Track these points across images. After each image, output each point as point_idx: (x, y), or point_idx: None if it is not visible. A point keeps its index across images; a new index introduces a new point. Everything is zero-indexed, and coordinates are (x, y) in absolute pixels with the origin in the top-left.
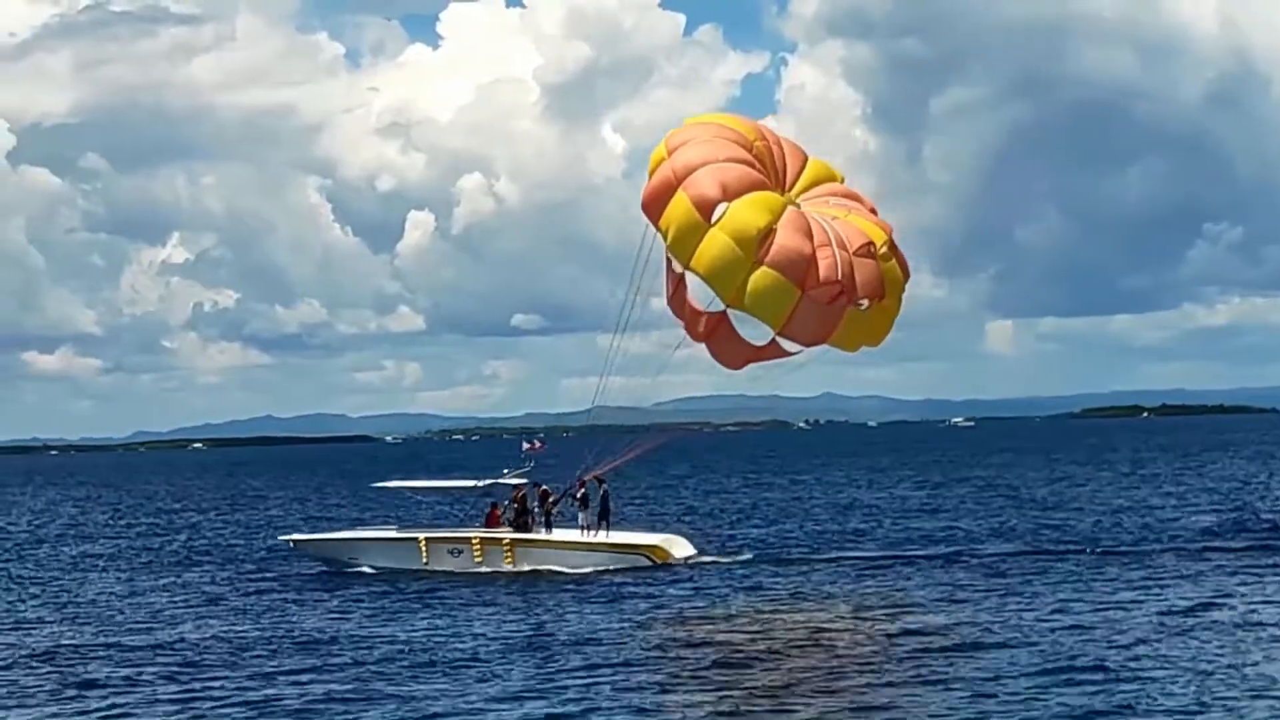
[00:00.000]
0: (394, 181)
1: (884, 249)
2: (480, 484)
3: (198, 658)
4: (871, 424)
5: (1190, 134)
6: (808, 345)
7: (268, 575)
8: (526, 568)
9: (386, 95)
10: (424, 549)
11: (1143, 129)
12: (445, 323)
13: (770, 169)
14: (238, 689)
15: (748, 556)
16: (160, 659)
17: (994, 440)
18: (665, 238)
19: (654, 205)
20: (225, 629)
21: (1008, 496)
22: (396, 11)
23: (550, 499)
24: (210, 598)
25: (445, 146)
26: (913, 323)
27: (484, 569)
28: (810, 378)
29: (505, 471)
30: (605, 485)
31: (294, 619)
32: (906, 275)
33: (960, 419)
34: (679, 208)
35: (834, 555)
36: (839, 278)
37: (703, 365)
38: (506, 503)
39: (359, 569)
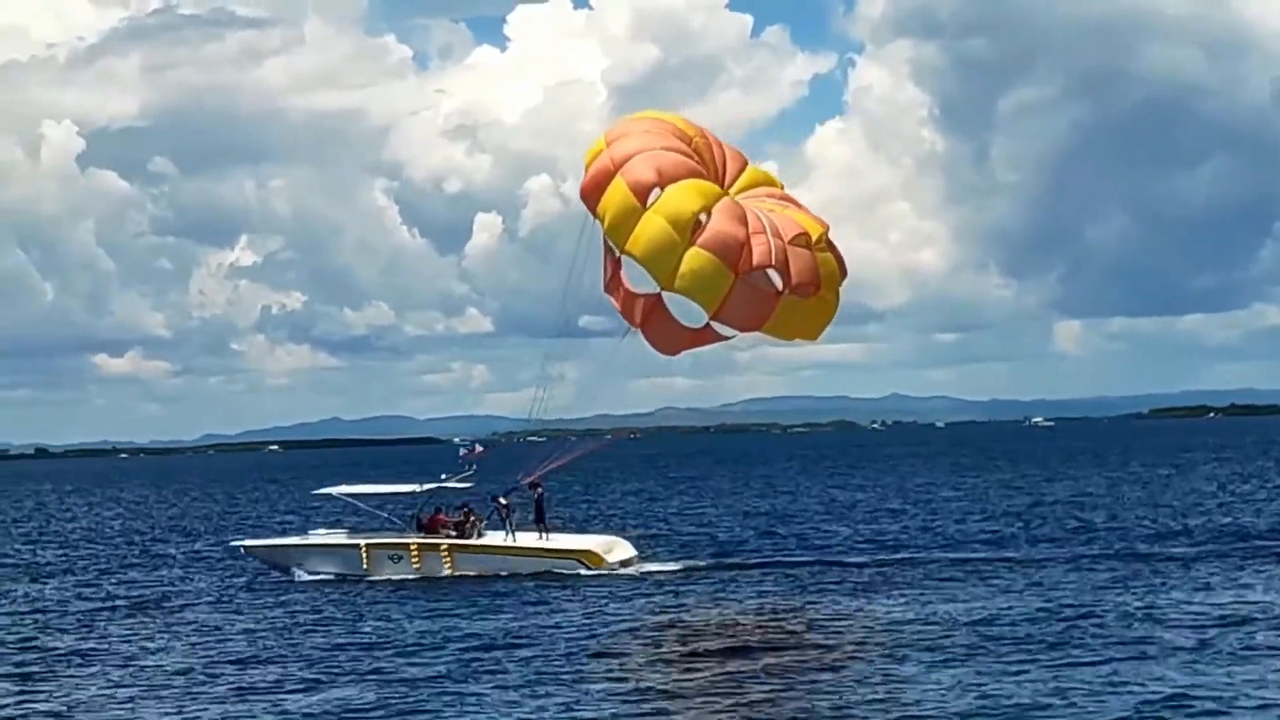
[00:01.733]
0: (461, 183)
1: (820, 241)
2: (421, 489)
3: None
4: (939, 425)
5: (1259, 131)
6: (742, 331)
7: (211, 578)
8: (465, 572)
9: (454, 97)
10: (365, 555)
11: (1211, 127)
12: (512, 324)
13: (709, 165)
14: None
15: (706, 562)
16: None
17: (1074, 440)
18: (602, 223)
19: (592, 193)
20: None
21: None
22: (464, 14)
23: (504, 503)
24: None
25: (512, 148)
26: (980, 323)
27: (423, 574)
28: (877, 379)
29: (444, 477)
30: (541, 490)
31: (230, 627)
32: (844, 273)
33: (1039, 419)
34: (616, 193)
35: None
36: (772, 261)
37: (771, 366)
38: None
39: (305, 574)
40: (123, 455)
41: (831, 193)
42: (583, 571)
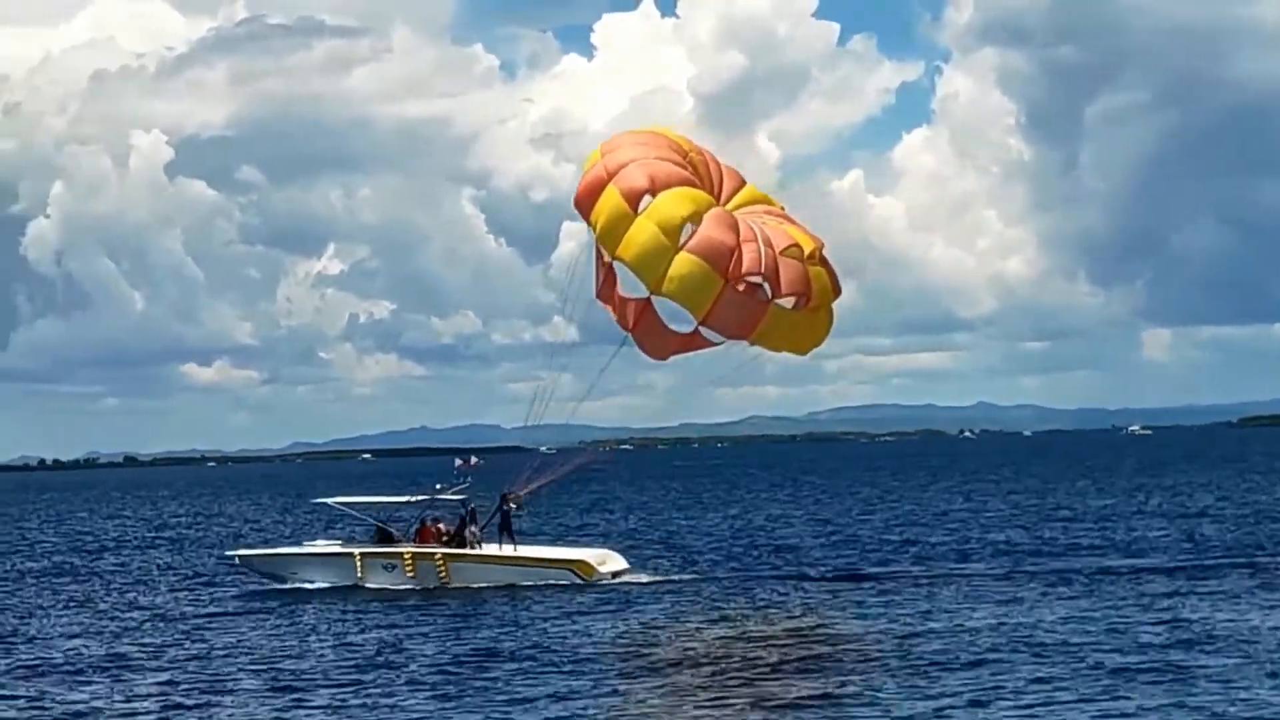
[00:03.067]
0: (547, 192)
1: (813, 256)
2: (415, 499)
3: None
4: (1026, 433)
5: None
6: (730, 337)
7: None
8: (459, 582)
9: (540, 106)
10: (359, 564)
11: None
12: (599, 333)
13: (704, 178)
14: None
15: (692, 575)
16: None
17: (1175, 448)
18: (595, 229)
19: (586, 201)
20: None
21: None
22: (551, 23)
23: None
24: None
25: None
26: (1068, 331)
27: (417, 584)
28: (965, 388)
29: (439, 487)
30: (509, 504)
31: (230, 635)
32: (837, 291)
33: (1136, 427)
34: (609, 200)
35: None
36: (761, 270)
37: (859, 375)
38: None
39: (300, 584)
40: (210, 464)
41: (918, 201)
42: (576, 582)
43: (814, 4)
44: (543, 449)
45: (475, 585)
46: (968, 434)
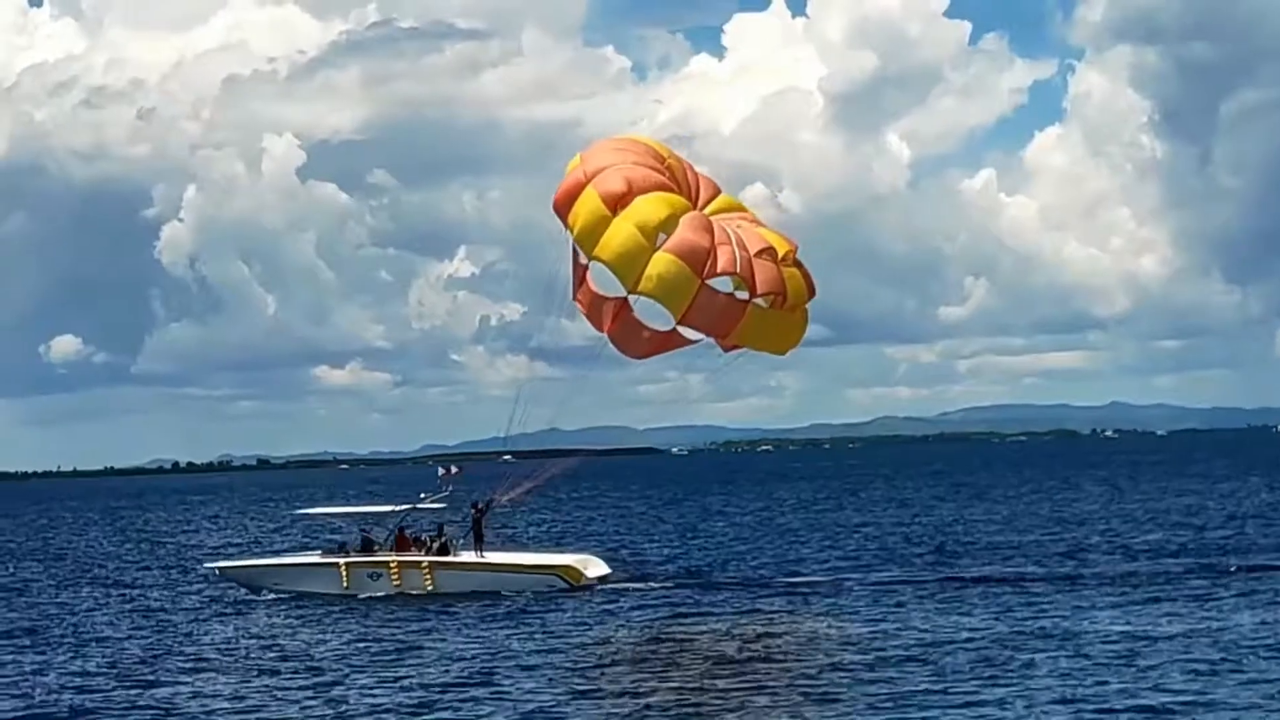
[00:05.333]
0: None
1: (787, 258)
2: (399, 509)
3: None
4: (1160, 432)
5: None
6: (709, 336)
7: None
8: (445, 589)
9: (670, 107)
10: (344, 574)
11: None
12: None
13: (681, 184)
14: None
15: (675, 581)
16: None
17: None
18: (573, 231)
19: (564, 203)
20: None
21: None
22: (682, 24)
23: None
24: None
25: (728, 158)
26: (1202, 330)
27: (403, 592)
28: (1098, 387)
29: (423, 496)
30: (479, 511)
31: (205, 647)
32: (811, 292)
33: None
34: (587, 203)
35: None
36: (736, 269)
37: (991, 375)
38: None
39: (281, 594)
40: (343, 466)
41: (1051, 200)
42: (562, 587)
43: (945, 3)
44: (674, 450)
45: (461, 592)
46: (1109, 434)
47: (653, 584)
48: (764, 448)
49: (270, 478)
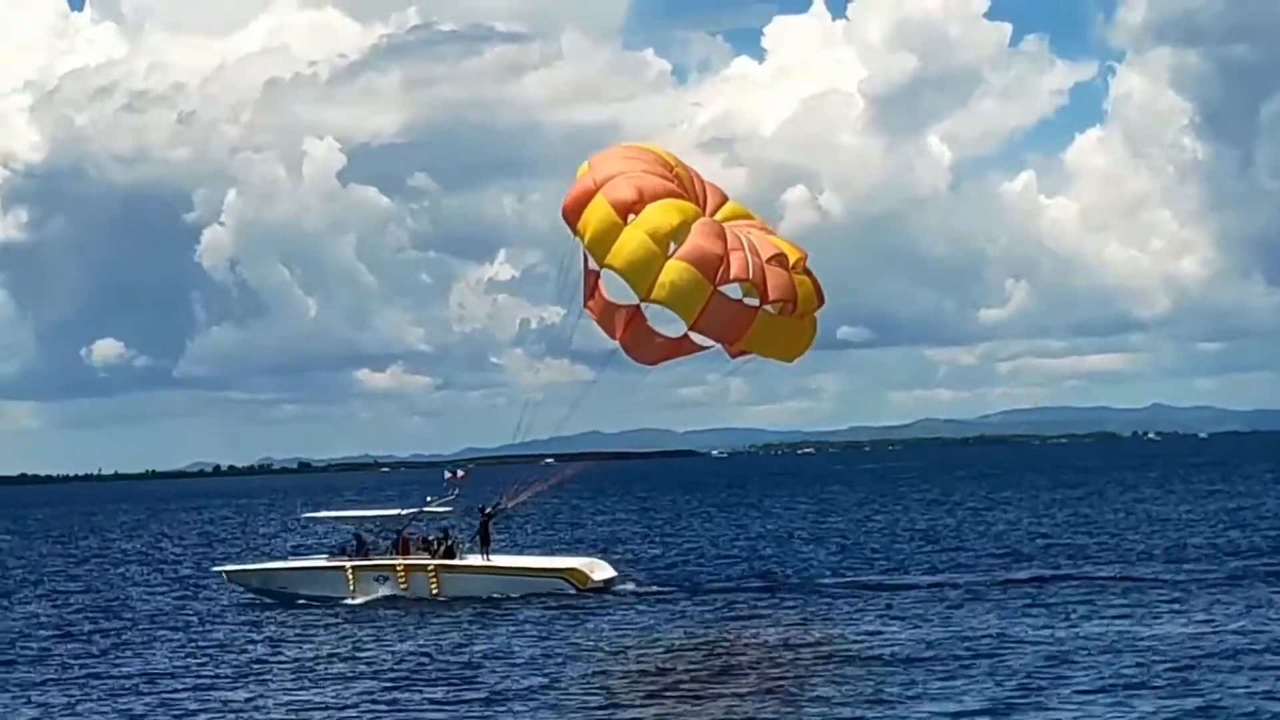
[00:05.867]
0: None
1: (797, 265)
2: (405, 513)
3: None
4: (1201, 435)
5: None
6: (720, 342)
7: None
8: (451, 593)
9: (710, 109)
10: (351, 577)
11: None
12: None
13: (690, 191)
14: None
15: (686, 584)
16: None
17: None
18: (583, 239)
19: (574, 210)
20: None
21: None
22: (721, 26)
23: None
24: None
25: (769, 160)
26: (1243, 331)
27: (410, 596)
28: (1139, 390)
29: (430, 499)
30: (486, 515)
31: (209, 650)
32: (820, 300)
33: None
34: (598, 210)
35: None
36: (749, 276)
37: (1031, 377)
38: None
39: (290, 598)
40: (384, 469)
41: (1092, 201)
42: (569, 590)
43: (986, 5)
44: (713, 452)
45: (468, 596)
46: (1150, 436)
47: (657, 587)
48: (805, 450)
49: (311, 480)
